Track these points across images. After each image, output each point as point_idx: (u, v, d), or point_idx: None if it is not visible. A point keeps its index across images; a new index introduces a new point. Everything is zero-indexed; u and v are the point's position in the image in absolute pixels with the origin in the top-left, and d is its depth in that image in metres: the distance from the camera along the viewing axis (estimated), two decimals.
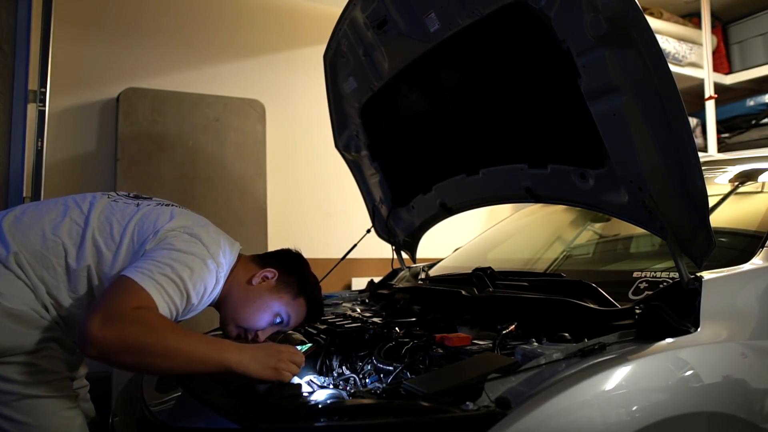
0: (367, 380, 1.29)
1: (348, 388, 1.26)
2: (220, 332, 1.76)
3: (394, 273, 2.23)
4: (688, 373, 1.03)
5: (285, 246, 1.63)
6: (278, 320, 1.44)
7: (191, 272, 1.25)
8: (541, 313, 1.37)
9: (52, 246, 1.26)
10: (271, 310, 1.43)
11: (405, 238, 2.29)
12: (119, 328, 1.07)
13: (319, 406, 0.94)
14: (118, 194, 1.45)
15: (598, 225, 2.14)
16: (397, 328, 1.52)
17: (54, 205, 1.36)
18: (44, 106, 2.41)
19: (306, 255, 1.61)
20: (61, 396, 1.23)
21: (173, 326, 1.15)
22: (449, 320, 1.54)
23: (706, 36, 3.73)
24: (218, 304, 1.43)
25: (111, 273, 1.27)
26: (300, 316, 1.48)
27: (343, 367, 1.43)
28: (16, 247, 1.24)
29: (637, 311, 1.16)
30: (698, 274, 1.15)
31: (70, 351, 1.31)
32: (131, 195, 1.47)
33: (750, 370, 1.10)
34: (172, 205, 1.46)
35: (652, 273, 1.41)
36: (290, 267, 1.51)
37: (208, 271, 1.30)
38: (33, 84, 2.38)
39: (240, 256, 1.48)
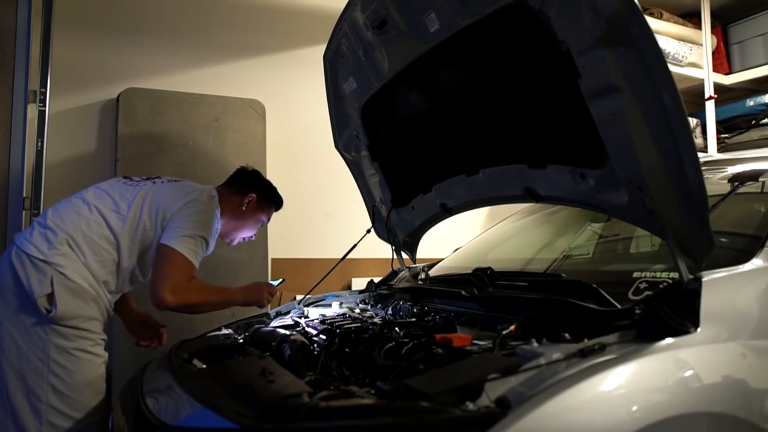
0: (367, 380, 1.29)
1: (348, 388, 1.25)
2: (219, 332, 1.78)
3: (394, 273, 2.23)
4: (688, 373, 1.03)
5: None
6: (262, 222, 2.13)
7: (209, 227, 1.79)
8: (541, 313, 1.37)
9: (96, 229, 1.73)
10: (260, 221, 2.11)
11: (405, 239, 2.29)
12: (184, 296, 1.68)
13: (319, 406, 0.94)
14: (132, 179, 1.93)
15: (598, 225, 2.14)
16: (397, 328, 1.52)
17: (81, 200, 1.80)
18: (44, 106, 2.41)
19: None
20: (98, 353, 1.69)
21: (212, 287, 1.89)
22: (449, 320, 1.54)
23: (706, 36, 3.73)
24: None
25: (148, 244, 1.79)
26: (272, 214, 2.17)
27: (343, 367, 1.43)
28: (66, 234, 1.69)
29: (637, 311, 1.16)
30: (698, 275, 1.15)
31: (107, 312, 1.78)
32: (143, 178, 1.95)
33: (750, 370, 1.10)
34: (168, 181, 1.94)
35: (652, 273, 1.41)
36: (258, 185, 2.10)
37: (215, 218, 1.84)
38: (33, 84, 2.38)
39: (218, 191, 1.95)
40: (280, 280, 2.14)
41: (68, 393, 1.60)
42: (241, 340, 1.70)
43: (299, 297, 2.22)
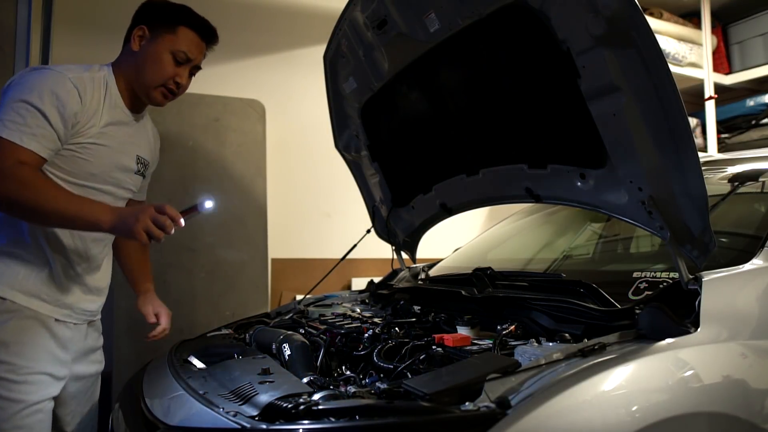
0: (367, 380, 1.29)
1: (348, 388, 1.25)
2: (219, 333, 1.77)
3: (394, 273, 2.23)
4: (688, 373, 1.03)
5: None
6: (180, 60, 1.54)
7: (35, 89, 1.34)
8: (541, 313, 1.37)
9: None
10: (164, 55, 1.52)
11: (405, 238, 2.29)
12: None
13: (319, 406, 0.94)
14: None
15: (598, 225, 2.14)
16: (397, 328, 1.52)
17: None
18: None
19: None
20: (15, 398, 1.35)
21: (45, 185, 1.32)
22: (449, 320, 1.54)
23: (706, 36, 3.73)
24: (132, 98, 1.57)
25: None
26: (193, 41, 1.57)
27: (343, 367, 1.43)
28: None
29: (637, 311, 1.16)
30: (698, 275, 1.15)
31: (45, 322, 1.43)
32: None
33: (750, 370, 1.10)
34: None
35: (652, 273, 1.41)
36: (151, 12, 1.57)
37: (49, 78, 1.37)
38: None
39: (112, 62, 1.59)
40: (193, 204, 1.43)
41: None
42: (241, 340, 1.70)
43: (299, 297, 2.22)
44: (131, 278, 1.79)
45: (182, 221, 1.33)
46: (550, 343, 1.22)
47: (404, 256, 2.34)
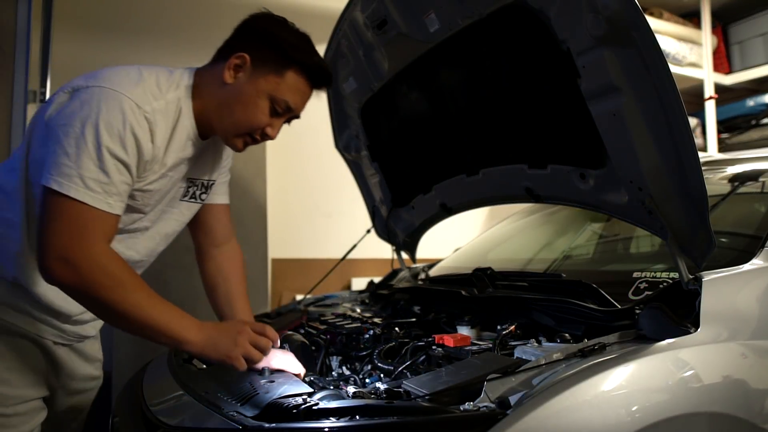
0: (367, 380, 1.29)
1: (348, 388, 1.26)
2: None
3: (394, 273, 2.23)
4: (688, 373, 1.03)
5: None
6: (279, 110, 1.22)
7: (110, 127, 1.03)
8: (541, 313, 1.37)
9: None
10: (261, 100, 1.20)
11: (405, 238, 2.29)
12: (83, 272, 0.99)
13: (319, 406, 0.94)
14: None
15: (598, 225, 2.14)
16: (397, 329, 1.52)
17: None
18: None
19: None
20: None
21: (139, 286, 1.05)
22: (449, 320, 1.54)
23: (706, 36, 3.73)
24: (206, 126, 1.24)
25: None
26: (300, 89, 1.23)
27: (343, 367, 1.43)
28: None
29: (637, 311, 1.16)
30: (698, 275, 1.15)
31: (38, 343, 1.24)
32: None
33: (750, 370, 1.10)
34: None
35: (652, 273, 1.41)
36: (261, 39, 1.22)
37: (124, 105, 1.06)
38: (33, 84, 2.38)
39: (196, 71, 1.28)
40: (291, 320, 1.27)
41: None
42: None
43: (299, 297, 2.22)
44: (228, 312, 1.43)
45: (278, 342, 1.17)
46: (550, 343, 1.22)
47: (404, 256, 2.34)
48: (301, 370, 1.22)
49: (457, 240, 2.74)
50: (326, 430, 0.89)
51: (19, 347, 1.20)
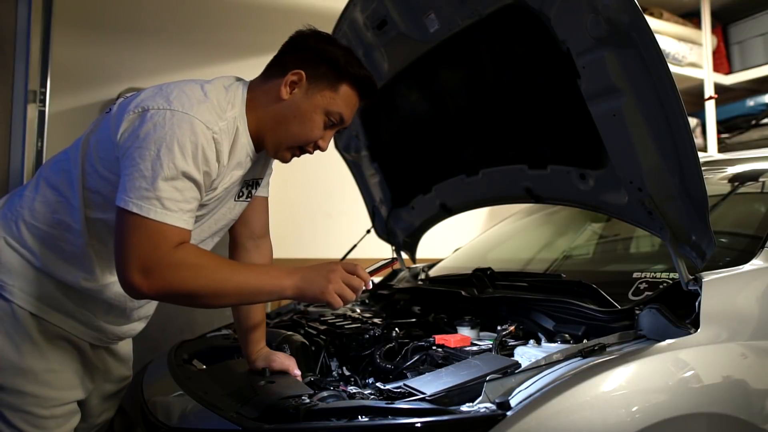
0: (367, 380, 1.29)
1: (348, 388, 1.26)
2: (219, 333, 1.76)
3: (394, 273, 2.23)
4: (688, 373, 1.03)
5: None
6: (333, 122, 1.28)
7: (183, 149, 1.08)
8: (541, 313, 1.37)
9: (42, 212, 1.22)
10: (316, 115, 1.25)
11: (405, 239, 2.29)
12: (164, 279, 1.03)
13: (319, 406, 0.94)
14: None
15: (598, 225, 2.14)
16: (397, 329, 1.52)
17: None
18: (44, 106, 2.40)
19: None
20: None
21: (219, 262, 1.09)
22: (449, 321, 1.54)
23: (706, 36, 3.73)
24: (258, 139, 1.29)
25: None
26: (351, 101, 1.28)
27: (343, 368, 1.43)
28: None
29: (637, 312, 1.16)
30: (698, 275, 1.15)
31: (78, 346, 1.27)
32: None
33: (750, 370, 1.10)
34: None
35: (652, 273, 1.41)
36: (314, 55, 1.25)
37: (194, 127, 1.10)
38: (33, 84, 2.37)
39: (249, 84, 1.30)
40: (381, 263, 1.34)
41: None
42: None
43: None
44: (249, 338, 1.40)
45: (370, 283, 1.15)
46: (550, 344, 1.22)
47: (404, 256, 2.34)
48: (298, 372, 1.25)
49: (457, 240, 2.74)
50: (326, 430, 0.89)
51: (61, 349, 1.23)
